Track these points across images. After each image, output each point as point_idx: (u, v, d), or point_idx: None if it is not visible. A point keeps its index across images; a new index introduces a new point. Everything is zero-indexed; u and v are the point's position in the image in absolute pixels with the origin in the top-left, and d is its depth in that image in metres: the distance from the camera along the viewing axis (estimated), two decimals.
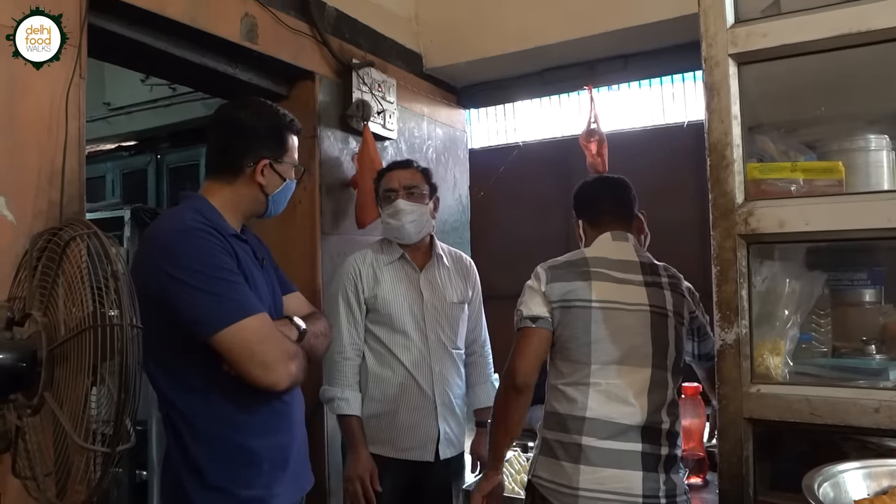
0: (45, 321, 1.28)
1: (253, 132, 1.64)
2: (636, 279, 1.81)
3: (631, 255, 1.86)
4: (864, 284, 1.63)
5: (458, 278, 2.38)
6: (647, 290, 1.80)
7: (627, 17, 2.93)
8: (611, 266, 1.83)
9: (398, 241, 2.29)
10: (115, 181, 4.55)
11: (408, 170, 2.32)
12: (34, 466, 1.33)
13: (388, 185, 2.29)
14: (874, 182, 1.50)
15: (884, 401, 1.25)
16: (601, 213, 1.95)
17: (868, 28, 1.29)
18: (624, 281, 1.81)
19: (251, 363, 1.44)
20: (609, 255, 1.85)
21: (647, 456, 1.71)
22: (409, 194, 2.26)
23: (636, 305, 1.78)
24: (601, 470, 1.69)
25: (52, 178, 1.72)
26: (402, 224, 2.24)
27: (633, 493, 1.67)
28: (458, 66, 3.43)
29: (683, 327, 1.84)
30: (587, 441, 1.71)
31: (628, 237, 1.90)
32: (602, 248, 1.88)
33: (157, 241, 1.53)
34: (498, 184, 3.82)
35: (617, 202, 1.96)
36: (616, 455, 1.69)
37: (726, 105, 1.39)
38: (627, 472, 1.69)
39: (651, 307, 1.79)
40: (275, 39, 2.47)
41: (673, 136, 3.38)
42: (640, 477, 1.68)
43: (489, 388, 2.45)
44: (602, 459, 1.69)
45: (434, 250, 2.36)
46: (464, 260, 2.47)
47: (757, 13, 1.43)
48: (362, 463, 2.14)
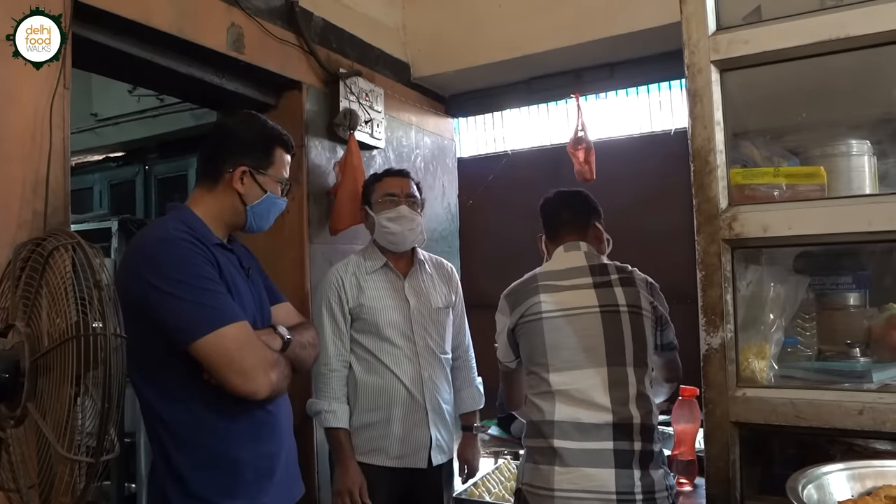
0: (28, 331, 1.28)
1: (236, 139, 1.64)
2: (584, 282, 1.89)
3: (580, 261, 1.94)
4: (849, 288, 1.65)
5: (441, 284, 2.39)
6: (597, 291, 1.87)
7: (613, 26, 2.95)
8: (559, 276, 1.93)
9: (391, 248, 2.29)
10: (103, 192, 4.54)
11: (408, 179, 2.35)
12: (18, 478, 1.31)
13: (388, 189, 2.29)
14: (856, 186, 1.52)
15: (867, 403, 1.26)
16: (559, 226, 2.06)
17: (846, 35, 1.30)
18: (572, 287, 1.89)
19: (230, 371, 1.44)
20: (557, 267, 1.96)
21: (620, 453, 1.73)
22: (411, 203, 2.28)
23: (585, 308, 1.85)
24: (575, 469, 1.72)
25: (37, 189, 1.71)
26: (402, 230, 2.25)
27: (607, 489, 1.70)
28: (445, 75, 3.44)
29: (645, 318, 1.88)
30: (559, 443, 1.75)
31: (580, 245, 1.99)
32: (553, 262, 2.00)
33: (139, 250, 1.53)
34: (487, 192, 3.83)
35: (573, 215, 2.05)
36: (588, 454, 1.72)
37: (709, 111, 1.41)
38: (600, 471, 1.71)
39: (601, 307, 1.85)
40: (261, 49, 2.48)
41: (660, 144, 3.40)
42: (612, 474, 1.71)
43: (474, 392, 2.45)
44: (575, 459, 1.73)
45: (416, 257, 2.36)
46: (445, 266, 2.48)
47: (738, 20, 1.45)
48: (350, 476, 2.12)
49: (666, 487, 1.77)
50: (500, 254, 3.71)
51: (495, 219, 3.79)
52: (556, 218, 2.08)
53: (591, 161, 3.12)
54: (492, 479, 2.62)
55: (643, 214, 3.25)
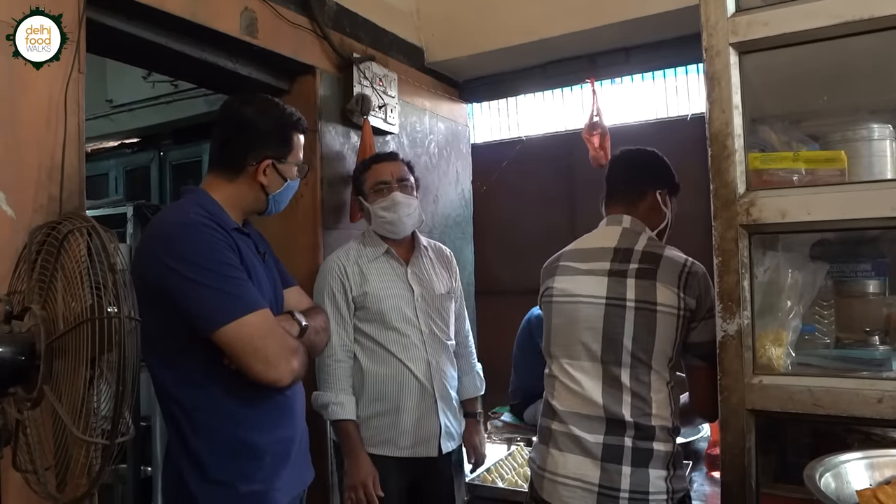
0: (43, 315, 1.28)
1: (257, 131, 1.62)
2: (601, 268, 1.75)
3: (611, 241, 1.78)
4: (868, 275, 1.63)
5: (442, 269, 2.36)
6: (609, 279, 1.72)
7: (628, 9, 2.92)
8: (581, 257, 1.81)
9: (391, 236, 2.24)
10: (118, 178, 4.56)
11: (398, 162, 2.28)
12: (34, 460, 1.33)
13: (378, 177, 2.23)
14: (877, 171, 1.50)
15: (887, 391, 1.24)
16: (610, 193, 1.89)
17: (871, 15, 1.27)
18: (587, 272, 1.77)
19: (254, 359, 1.44)
20: (585, 246, 1.84)
21: (609, 447, 1.65)
22: (403, 187, 2.23)
23: (592, 298, 1.73)
24: (564, 454, 1.70)
25: (52, 174, 1.72)
26: (399, 217, 2.20)
27: (589, 481, 1.64)
28: (459, 60, 3.42)
29: (658, 314, 1.67)
30: (556, 427, 1.73)
31: (622, 220, 1.81)
32: (586, 239, 1.87)
33: (158, 233, 1.53)
34: (501, 178, 3.82)
35: (627, 181, 1.87)
36: (580, 444, 1.68)
37: (727, 95, 1.38)
38: (586, 461, 1.66)
39: (608, 299, 1.71)
40: (275, 34, 2.47)
41: (676, 130, 3.37)
42: (598, 467, 1.64)
43: (476, 378, 2.43)
44: (567, 445, 1.70)
45: (417, 242, 2.31)
46: (444, 251, 2.44)
47: (758, 1, 1.42)
48: (363, 468, 2.07)
49: (667, 490, 1.63)
50: (514, 240, 3.71)
51: (509, 205, 3.78)
52: (612, 182, 1.89)
53: (606, 147, 3.10)
54: (505, 465, 2.62)
55: None
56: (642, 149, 1.92)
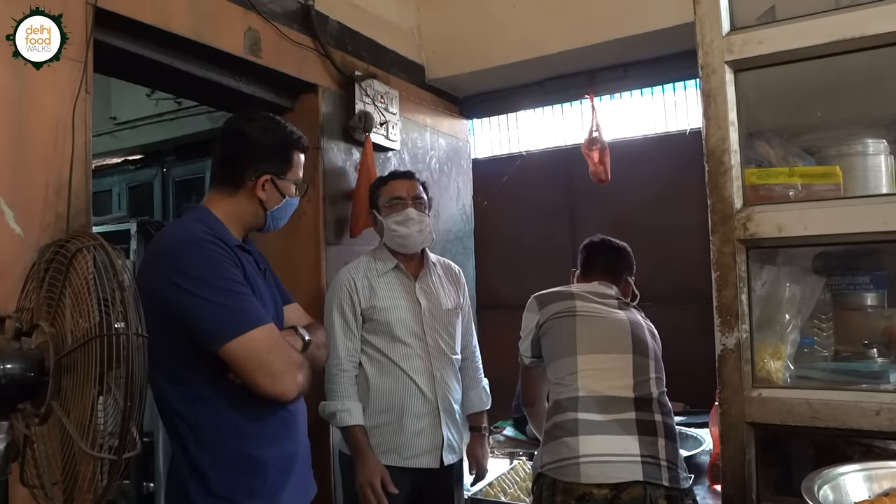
0: (52, 331, 1.30)
1: (258, 147, 1.65)
2: (612, 304, 2.09)
3: (610, 292, 2.12)
4: (867, 288, 1.63)
5: (449, 286, 2.41)
6: (623, 311, 2.07)
7: (627, 26, 2.95)
8: (591, 294, 2.10)
9: (401, 250, 2.30)
10: (122, 195, 4.59)
11: (413, 181, 2.35)
12: (42, 475, 1.34)
13: (395, 192, 2.30)
14: (872, 186, 1.51)
15: (885, 403, 1.25)
16: (595, 268, 2.21)
17: (862, 34, 1.30)
18: (603, 303, 2.07)
19: (259, 374, 1.45)
20: (589, 289, 2.13)
21: (643, 423, 1.84)
22: (418, 204, 2.29)
23: (616, 315, 2.04)
24: (599, 437, 1.81)
25: (59, 192, 1.75)
26: (411, 232, 2.26)
27: (631, 453, 1.78)
28: (460, 76, 3.46)
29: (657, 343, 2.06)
30: (583, 415, 1.85)
31: (612, 286, 2.15)
32: (585, 286, 2.17)
33: (163, 251, 1.55)
34: (501, 193, 3.84)
35: (610, 266, 2.20)
36: (611, 425, 1.82)
37: (723, 111, 1.41)
38: (624, 437, 1.81)
39: (629, 319, 2.03)
40: (278, 53, 2.50)
41: (675, 144, 3.39)
42: (636, 440, 1.80)
43: (481, 393, 2.46)
44: (599, 428, 1.82)
45: (426, 259, 2.38)
46: (453, 268, 2.50)
47: (752, 20, 1.45)
48: (371, 468, 2.13)
49: (686, 469, 1.85)
50: (515, 255, 3.73)
51: (510, 220, 3.80)
52: (595, 262, 2.22)
53: (605, 162, 3.13)
54: (507, 479, 2.62)
55: (658, 214, 3.25)
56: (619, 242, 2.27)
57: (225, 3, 2.29)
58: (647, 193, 3.32)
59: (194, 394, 1.51)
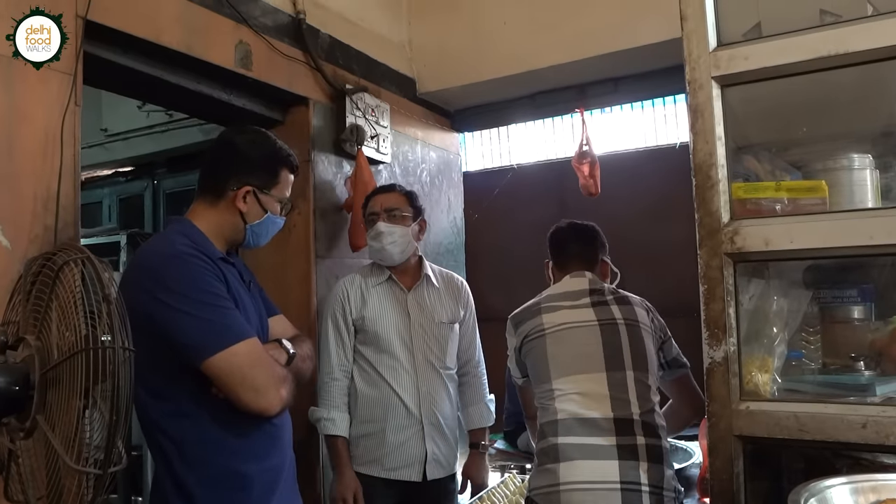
0: (38, 345, 1.29)
1: (244, 157, 1.64)
2: (583, 302, 1.99)
3: (583, 286, 2.03)
4: (854, 301, 1.64)
5: (448, 298, 2.40)
6: (594, 308, 1.97)
7: (617, 41, 2.98)
8: (559, 298, 2.02)
9: (383, 263, 2.33)
10: (112, 207, 4.57)
11: (391, 193, 2.37)
12: (27, 490, 1.33)
13: (371, 208, 2.34)
14: (858, 200, 1.52)
15: (871, 416, 1.26)
16: (568, 257, 2.14)
17: (847, 50, 1.31)
18: (571, 306, 1.99)
19: (242, 388, 1.44)
20: (559, 291, 2.05)
21: (624, 448, 1.76)
22: (391, 217, 2.29)
23: (584, 322, 1.94)
24: (578, 462, 1.76)
25: (48, 205, 1.74)
26: (383, 246, 2.27)
27: (610, 479, 1.72)
28: (451, 90, 3.47)
29: (643, 330, 1.95)
30: (563, 440, 1.80)
31: (586, 275, 2.07)
32: (557, 286, 2.08)
33: (145, 265, 1.54)
34: (492, 206, 3.85)
35: (582, 248, 2.14)
36: (591, 448, 1.77)
37: (710, 126, 1.42)
38: (603, 462, 1.75)
39: (599, 321, 1.93)
40: (269, 66, 2.51)
41: (665, 157, 3.41)
42: (616, 465, 1.74)
43: (483, 409, 2.45)
44: (578, 452, 1.77)
45: (422, 271, 2.38)
46: (455, 280, 2.49)
47: (739, 37, 1.46)
48: (345, 482, 2.17)
49: (674, 489, 1.78)
50: (506, 267, 3.73)
51: (501, 232, 3.81)
52: (565, 249, 2.15)
53: (595, 175, 3.14)
54: (497, 493, 2.61)
55: (648, 228, 3.27)
56: (585, 223, 2.20)
57: (216, 17, 2.30)
58: (638, 206, 3.33)
59: (179, 410, 1.49)
